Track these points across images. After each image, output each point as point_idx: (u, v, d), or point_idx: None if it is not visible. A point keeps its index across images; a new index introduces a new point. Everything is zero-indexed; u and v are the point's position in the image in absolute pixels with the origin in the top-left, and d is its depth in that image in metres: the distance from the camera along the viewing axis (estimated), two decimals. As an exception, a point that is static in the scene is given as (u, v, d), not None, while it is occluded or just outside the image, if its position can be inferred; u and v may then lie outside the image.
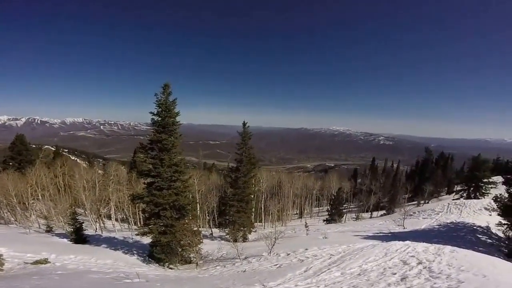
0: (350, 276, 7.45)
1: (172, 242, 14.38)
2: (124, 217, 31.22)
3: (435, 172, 45.77)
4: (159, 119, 14.55)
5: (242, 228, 22.70)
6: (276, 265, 10.72)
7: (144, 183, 16.48)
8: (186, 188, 15.65)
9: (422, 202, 38.98)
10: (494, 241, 16.56)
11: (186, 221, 15.45)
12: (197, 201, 26.88)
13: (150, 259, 15.07)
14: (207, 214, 31.65)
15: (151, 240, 14.97)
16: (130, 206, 27.89)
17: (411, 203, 40.82)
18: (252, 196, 27.95)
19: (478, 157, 38.66)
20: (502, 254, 13.50)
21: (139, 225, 24.05)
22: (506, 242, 15.93)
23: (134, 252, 15.82)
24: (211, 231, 27.38)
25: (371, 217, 35.11)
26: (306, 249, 12.78)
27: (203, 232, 27.42)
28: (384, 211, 38.69)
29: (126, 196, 27.06)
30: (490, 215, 21.34)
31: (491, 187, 35.98)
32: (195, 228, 16.45)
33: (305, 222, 27.00)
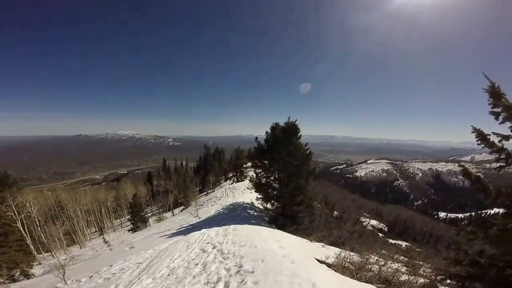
0: (160, 279, 7.40)
1: None
2: None
3: (213, 164, 55.64)
4: None
5: (15, 266, 16.94)
6: (78, 293, 9.25)
7: None
8: None
9: (209, 191, 46.44)
10: (258, 213, 20.22)
11: None
12: None
13: None
14: None
15: None
16: None
17: (202, 194, 47.49)
18: (17, 225, 22.36)
19: (238, 148, 48.03)
20: (266, 222, 17.10)
21: None
22: (265, 212, 19.99)
23: None
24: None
25: (173, 215, 36.74)
26: (111, 265, 11.38)
27: None
28: (183, 206, 41.79)
29: None
30: (251, 192, 24.34)
31: (248, 171, 43.83)
32: None
33: (103, 239, 24.20)
